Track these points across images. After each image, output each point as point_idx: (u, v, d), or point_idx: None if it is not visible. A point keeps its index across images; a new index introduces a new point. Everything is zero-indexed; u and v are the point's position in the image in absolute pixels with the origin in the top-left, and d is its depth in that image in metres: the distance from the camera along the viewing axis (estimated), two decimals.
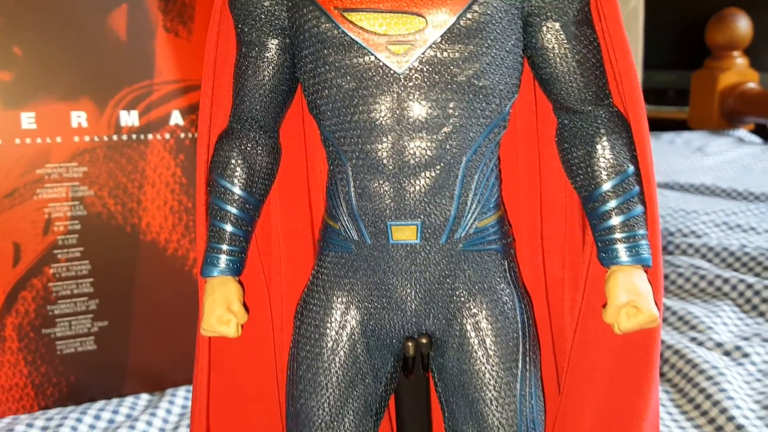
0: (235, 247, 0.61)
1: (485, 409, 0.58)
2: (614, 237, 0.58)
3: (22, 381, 1.21)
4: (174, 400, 1.27)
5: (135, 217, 1.25)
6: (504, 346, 0.58)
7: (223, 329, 0.60)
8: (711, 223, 2.04)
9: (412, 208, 0.56)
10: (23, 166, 1.17)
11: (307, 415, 0.60)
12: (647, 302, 0.57)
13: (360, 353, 0.60)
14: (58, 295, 1.22)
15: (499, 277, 0.59)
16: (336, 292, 0.60)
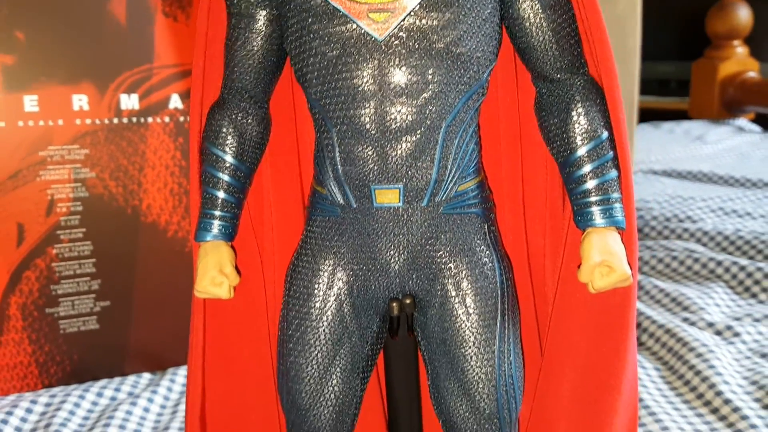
0: (227, 213, 0.64)
1: (465, 365, 0.60)
2: (589, 200, 0.60)
3: (26, 359, 1.24)
4: (175, 379, 1.30)
5: (136, 199, 1.28)
6: (483, 304, 0.61)
7: (216, 291, 0.62)
8: (707, 208, 2.06)
9: (394, 171, 0.59)
10: (26, 148, 1.20)
11: (296, 372, 0.63)
12: (620, 261, 0.59)
13: (347, 313, 0.62)
14: (61, 275, 1.25)
15: (479, 239, 0.62)
16: (323, 254, 0.62)
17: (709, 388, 1.16)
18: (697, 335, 1.30)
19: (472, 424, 0.62)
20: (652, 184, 2.41)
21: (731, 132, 3.23)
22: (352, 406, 0.64)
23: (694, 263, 1.68)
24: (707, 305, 1.48)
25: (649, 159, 2.81)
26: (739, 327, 1.37)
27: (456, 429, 0.63)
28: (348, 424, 0.65)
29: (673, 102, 4.45)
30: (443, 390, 0.62)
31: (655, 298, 1.55)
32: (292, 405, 0.64)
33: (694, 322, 1.40)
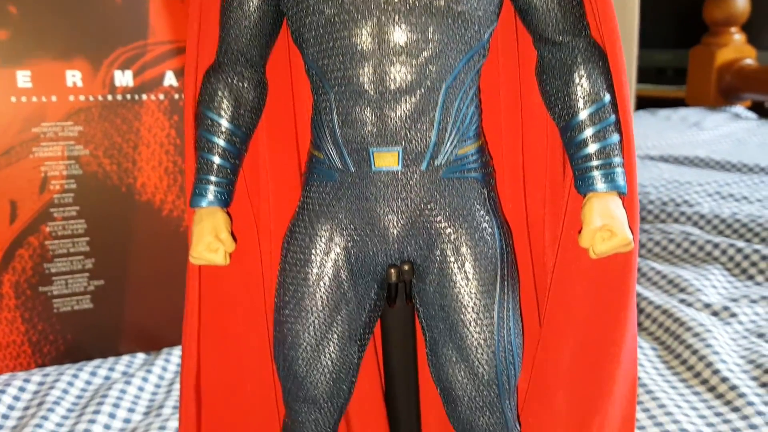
0: (222, 179, 0.62)
1: (464, 330, 0.60)
2: (590, 165, 0.59)
3: (20, 338, 1.23)
4: (170, 359, 1.29)
5: (130, 177, 1.27)
6: (483, 270, 0.60)
7: (212, 257, 0.61)
8: (704, 192, 2.06)
9: (393, 134, 0.58)
10: (19, 124, 1.18)
11: (293, 339, 0.62)
12: (621, 226, 0.58)
13: (344, 279, 0.61)
14: (55, 254, 1.24)
15: (479, 204, 0.61)
16: (321, 220, 0.61)
17: (706, 367, 1.15)
18: (694, 315, 1.30)
19: (470, 391, 0.61)
20: (649, 170, 2.41)
21: (728, 119, 3.22)
22: (349, 374, 0.64)
23: (691, 246, 1.67)
24: (704, 287, 1.48)
25: (646, 145, 2.80)
26: (735, 308, 1.36)
27: (454, 396, 0.62)
28: (345, 392, 0.64)
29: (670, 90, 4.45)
30: (441, 357, 0.62)
31: (652, 280, 1.54)
32: (289, 373, 0.63)
33: (691, 303, 1.40)
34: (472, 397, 0.61)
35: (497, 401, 0.61)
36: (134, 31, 1.23)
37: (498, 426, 0.62)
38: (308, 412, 0.63)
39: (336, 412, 0.64)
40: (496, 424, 0.62)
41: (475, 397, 0.61)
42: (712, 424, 1.01)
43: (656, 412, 1.03)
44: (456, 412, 0.62)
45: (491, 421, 0.61)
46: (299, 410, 0.64)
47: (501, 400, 0.61)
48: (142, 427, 1.06)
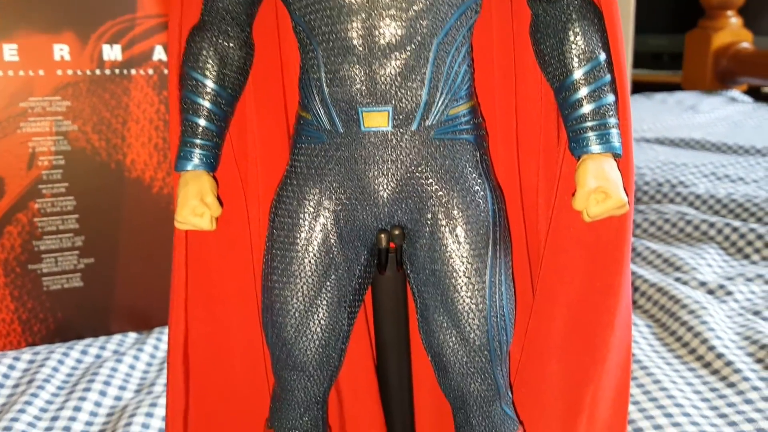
0: (208, 142, 0.61)
1: (455, 295, 0.58)
2: (585, 125, 0.58)
3: (9, 316, 1.22)
4: (161, 338, 1.28)
5: (119, 153, 1.25)
6: (474, 233, 0.59)
7: (197, 221, 0.60)
8: (699, 173, 2.05)
9: (383, 92, 0.56)
10: (6, 98, 1.16)
11: (281, 305, 0.60)
12: (616, 187, 0.57)
13: (333, 244, 0.60)
14: (44, 231, 1.22)
15: (471, 166, 0.59)
16: (309, 183, 0.60)
17: (701, 343, 1.15)
18: (689, 293, 1.29)
19: (462, 357, 0.60)
20: (645, 152, 2.40)
21: (724, 102, 3.21)
22: (339, 341, 0.62)
23: (687, 225, 1.67)
24: (699, 265, 1.47)
25: (642, 128, 2.79)
26: (731, 286, 1.36)
27: (446, 363, 0.61)
28: (334, 359, 0.63)
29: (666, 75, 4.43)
30: (432, 323, 0.60)
31: (647, 259, 1.53)
32: (277, 339, 0.62)
33: (687, 281, 1.39)
34: (463, 363, 0.60)
35: (489, 367, 0.60)
36: (123, 4, 1.21)
37: (490, 392, 0.61)
38: (297, 380, 0.62)
39: (326, 380, 0.63)
40: (487, 391, 0.60)
41: (467, 363, 0.60)
42: (707, 400, 1.01)
43: (651, 388, 1.02)
44: (447, 379, 0.61)
45: (483, 388, 0.60)
46: (288, 378, 0.62)
47: (493, 366, 0.60)
48: (133, 404, 1.05)
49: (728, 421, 0.95)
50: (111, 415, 1.04)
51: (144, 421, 0.99)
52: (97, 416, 1.04)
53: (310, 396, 0.63)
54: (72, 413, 1.03)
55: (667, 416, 0.94)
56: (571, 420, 0.69)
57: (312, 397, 0.64)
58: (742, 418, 0.95)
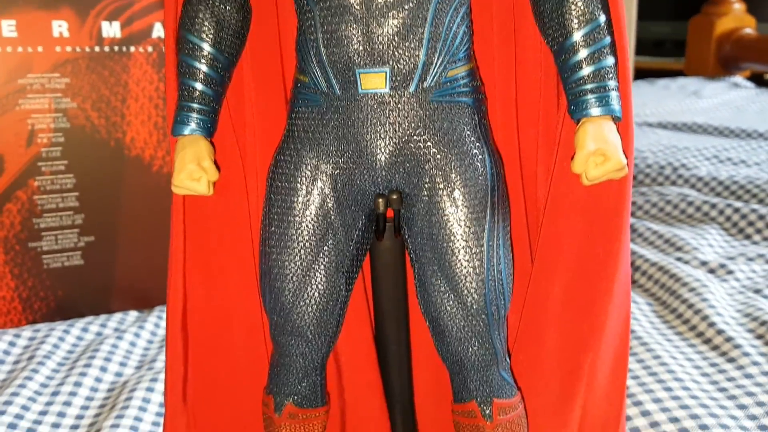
0: (205, 106, 0.61)
1: (453, 259, 0.58)
2: (584, 88, 0.58)
3: (9, 294, 1.22)
4: (162, 316, 1.28)
5: (119, 131, 1.25)
6: (472, 197, 0.58)
7: (194, 185, 0.59)
8: (702, 156, 2.04)
9: (380, 53, 0.56)
10: (5, 75, 1.16)
11: (279, 270, 0.60)
12: (615, 150, 0.57)
13: (331, 208, 0.60)
14: (44, 209, 1.22)
15: (469, 130, 0.59)
16: (306, 147, 0.60)
17: (702, 320, 1.15)
18: (690, 272, 1.29)
19: (459, 321, 0.60)
20: (647, 136, 2.39)
21: (727, 87, 3.20)
22: (337, 307, 0.62)
23: (688, 206, 1.66)
24: (701, 245, 1.47)
25: (644, 113, 2.78)
26: (732, 265, 1.35)
27: (443, 327, 0.60)
28: (332, 326, 0.63)
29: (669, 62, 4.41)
30: (430, 287, 0.60)
31: (649, 240, 1.53)
32: (275, 305, 0.62)
33: (688, 261, 1.39)
34: (460, 328, 0.60)
35: (486, 331, 0.60)
36: None
37: (487, 357, 0.61)
38: (296, 346, 0.62)
39: (324, 345, 0.63)
40: (485, 355, 0.60)
41: (464, 327, 0.60)
42: (707, 374, 1.01)
43: (651, 363, 1.02)
44: (445, 344, 0.61)
45: (480, 352, 0.60)
46: (286, 344, 0.62)
47: (490, 330, 0.60)
48: (133, 379, 1.05)
49: (728, 395, 0.94)
50: (111, 391, 1.04)
51: (145, 396, 1.00)
52: (98, 392, 1.04)
53: (308, 362, 0.63)
54: (72, 388, 1.03)
55: (667, 390, 0.94)
56: (569, 388, 0.69)
57: (310, 363, 0.63)
58: (741, 392, 0.95)
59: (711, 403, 0.91)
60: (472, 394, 0.62)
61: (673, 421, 0.87)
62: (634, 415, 0.90)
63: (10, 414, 0.95)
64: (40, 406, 0.99)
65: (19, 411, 0.96)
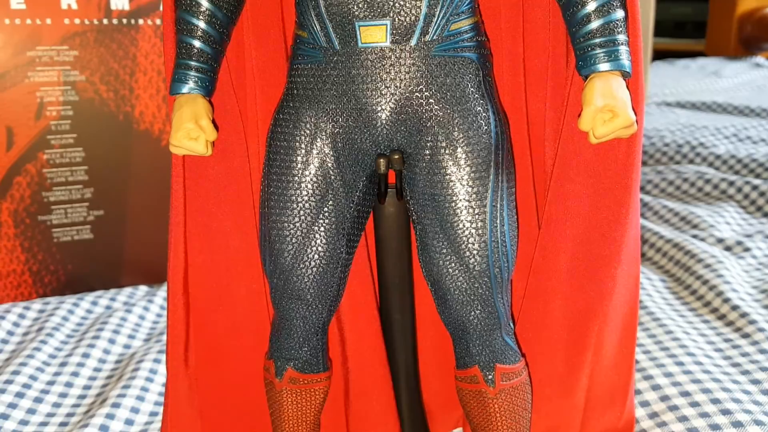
0: (203, 65, 0.59)
1: (455, 219, 0.57)
2: (593, 42, 0.56)
3: (20, 268, 1.22)
4: None
5: (128, 105, 1.24)
6: (476, 156, 0.57)
7: (192, 144, 0.58)
8: (720, 135, 2.01)
9: (380, 4, 0.54)
10: (13, 47, 1.16)
11: (278, 232, 0.59)
12: (624, 106, 0.55)
13: (330, 168, 0.58)
14: (53, 182, 1.22)
15: (473, 86, 0.57)
16: (305, 105, 0.58)
17: (716, 296, 1.12)
18: (705, 248, 1.27)
19: (461, 283, 0.58)
20: (665, 115, 2.35)
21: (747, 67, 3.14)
22: (338, 270, 0.61)
23: (705, 184, 1.63)
24: (717, 223, 1.44)
25: (663, 92, 2.73)
26: (749, 243, 1.33)
27: (445, 290, 0.59)
28: (333, 288, 0.62)
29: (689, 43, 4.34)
30: (432, 249, 0.59)
31: (664, 217, 1.50)
32: (275, 267, 0.61)
33: (704, 238, 1.36)
34: (463, 290, 0.58)
35: (489, 294, 0.58)
36: None
37: (490, 320, 0.59)
38: (296, 309, 0.61)
39: (324, 310, 0.62)
40: (488, 319, 0.59)
41: (466, 290, 0.58)
42: (721, 350, 0.99)
43: (663, 338, 1.00)
44: (447, 307, 0.60)
45: (483, 316, 0.59)
46: (287, 307, 0.61)
47: (493, 293, 0.58)
48: (141, 351, 1.05)
49: (741, 370, 0.92)
50: (119, 362, 1.04)
51: (152, 367, 1.00)
52: (106, 363, 1.04)
53: (308, 326, 0.62)
54: (81, 359, 1.03)
55: (678, 364, 0.92)
56: (576, 356, 0.68)
57: (311, 327, 0.62)
58: (756, 366, 0.93)
59: (724, 378, 0.89)
60: (475, 359, 0.60)
61: (684, 395, 0.85)
62: (644, 389, 0.88)
63: (18, 383, 0.96)
64: (48, 376, 1.00)
65: (26, 380, 0.97)
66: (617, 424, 0.73)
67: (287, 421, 0.65)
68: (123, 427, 0.88)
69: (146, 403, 0.92)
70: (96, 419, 0.87)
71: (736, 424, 0.78)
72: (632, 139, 0.61)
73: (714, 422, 0.79)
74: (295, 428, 0.65)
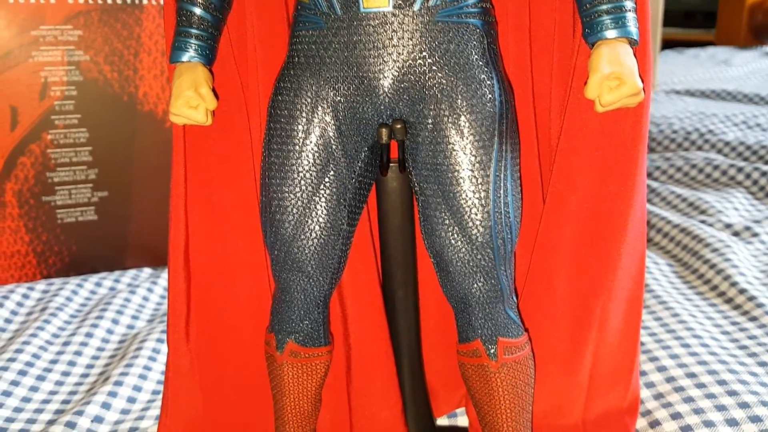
0: (204, 32, 0.59)
1: (457, 189, 0.56)
2: (600, 9, 0.55)
3: (24, 248, 1.22)
4: None
5: (132, 85, 1.24)
6: (479, 125, 0.56)
7: (192, 113, 0.58)
8: (730, 122, 1.99)
9: None
10: (17, 26, 1.15)
11: (279, 202, 0.59)
12: (631, 73, 0.54)
13: (332, 137, 0.58)
14: (57, 163, 1.22)
15: (478, 54, 0.56)
16: (306, 73, 0.57)
17: (723, 279, 1.11)
18: (713, 233, 1.25)
19: (463, 255, 0.57)
20: (674, 103, 2.33)
21: (758, 56, 3.11)
22: (339, 242, 0.60)
23: (714, 170, 1.62)
24: (725, 209, 1.43)
25: (672, 81, 2.71)
26: (758, 228, 1.31)
27: (447, 262, 0.58)
28: (334, 260, 0.61)
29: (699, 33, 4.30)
30: (434, 220, 0.58)
31: (672, 203, 1.49)
32: (276, 238, 0.60)
33: (712, 224, 1.35)
34: (465, 262, 0.57)
35: (492, 266, 0.57)
36: None
37: (493, 293, 0.58)
38: (297, 281, 0.61)
39: (326, 282, 0.61)
40: (490, 291, 0.58)
41: (469, 261, 0.57)
42: (727, 332, 0.98)
43: (669, 321, 0.99)
44: (449, 280, 0.59)
45: (485, 288, 0.58)
46: (287, 279, 0.61)
47: (496, 265, 0.58)
48: (145, 331, 1.05)
49: (748, 353, 0.92)
50: (122, 342, 1.04)
51: (155, 347, 0.99)
52: (109, 342, 1.04)
53: (309, 299, 0.62)
54: (84, 339, 1.03)
55: (684, 346, 0.91)
56: (580, 332, 0.67)
57: (312, 300, 0.62)
58: (763, 349, 0.92)
59: (730, 360, 0.88)
60: (477, 333, 0.60)
61: (690, 376, 0.85)
62: (650, 370, 0.87)
63: (21, 361, 0.96)
64: (51, 355, 1.00)
65: (29, 359, 0.97)
66: (621, 404, 0.72)
67: (288, 395, 0.65)
68: (125, 405, 0.87)
69: (149, 381, 0.92)
70: (98, 397, 0.87)
71: (742, 405, 0.78)
72: (639, 111, 0.60)
73: (720, 403, 0.78)
74: (297, 402, 0.65)
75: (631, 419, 0.73)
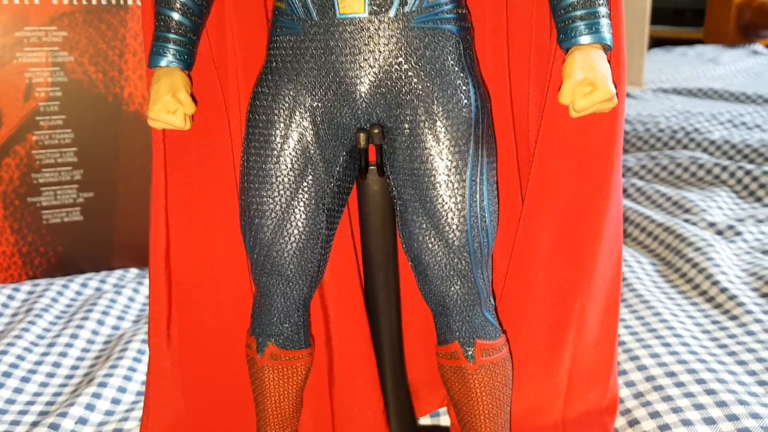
0: (182, 37, 0.59)
1: (434, 193, 0.56)
2: (574, 15, 0.55)
3: (9, 249, 1.22)
4: None
5: (117, 86, 1.24)
6: (455, 130, 0.56)
7: (170, 118, 0.58)
8: (715, 121, 2.00)
9: None
10: (2, 27, 1.15)
11: (257, 207, 0.59)
12: (604, 78, 0.54)
13: (310, 142, 0.58)
14: (42, 164, 1.22)
15: (453, 60, 0.57)
16: (284, 78, 0.58)
17: (705, 278, 1.12)
18: (696, 232, 1.26)
19: (440, 259, 0.58)
20: (661, 101, 2.34)
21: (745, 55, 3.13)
22: (318, 246, 0.61)
23: (699, 169, 1.63)
24: (709, 207, 1.44)
25: (659, 79, 2.72)
26: (741, 227, 1.33)
27: (425, 265, 0.59)
28: (313, 264, 0.61)
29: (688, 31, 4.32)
30: (411, 225, 0.58)
31: (656, 202, 1.50)
32: (255, 242, 0.60)
33: (695, 222, 1.36)
34: (442, 266, 0.58)
35: (468, 270, 0.58)
36: None
37: (470, 296, 0.59)
38: (276, 285, 0.61)
39: (305, 286, 0.62)
40: (467, 294, 0.59)
41: (446, 265, 0.58)
42: (708, 331, 0.99)
43: (650, 319, 1.00)
44: (427, 283, 0.60)
45: (462, 291, 0.59)
46: (267, 283, 0.61)
47: (472, 268, 0.58)
48: (130, 332, 1.05)
49: (728, 351, 0.93)
50: (108, 343, 1.04)
51: (140, 348, 1.00)
52: (94, 343, 1.04)
53: (289, 302, 0.62)
54: (69, 340, 1.03)
55: (665, 345, 0.92)
56: (558, 333, 0.68)
57: (292, 303, 0.62)
58: (742, 348, 0.93)
59: (710, 359, 0.89)
60: (455, 335, 0.60)
61: (669, 375, 0.85)
62: (630, 369, 0.88)
63: (5, 363, 0.96)
64: (35, 356, 1.00)
65: (14, 360, 0.97)
66: (601, 403, 0.73)
67: (269, 398, 0.65)
68: (109, 406, 0.88)
69: (133, 382, 0.92)
70: (82, 398, 0.87)
71: (720, 404, 0.79)
72: (614, 115, 0.61)
73: (698, 402, 0.79)
74: (277, 405, 0.65)
75: (610, 418, 0.74)
